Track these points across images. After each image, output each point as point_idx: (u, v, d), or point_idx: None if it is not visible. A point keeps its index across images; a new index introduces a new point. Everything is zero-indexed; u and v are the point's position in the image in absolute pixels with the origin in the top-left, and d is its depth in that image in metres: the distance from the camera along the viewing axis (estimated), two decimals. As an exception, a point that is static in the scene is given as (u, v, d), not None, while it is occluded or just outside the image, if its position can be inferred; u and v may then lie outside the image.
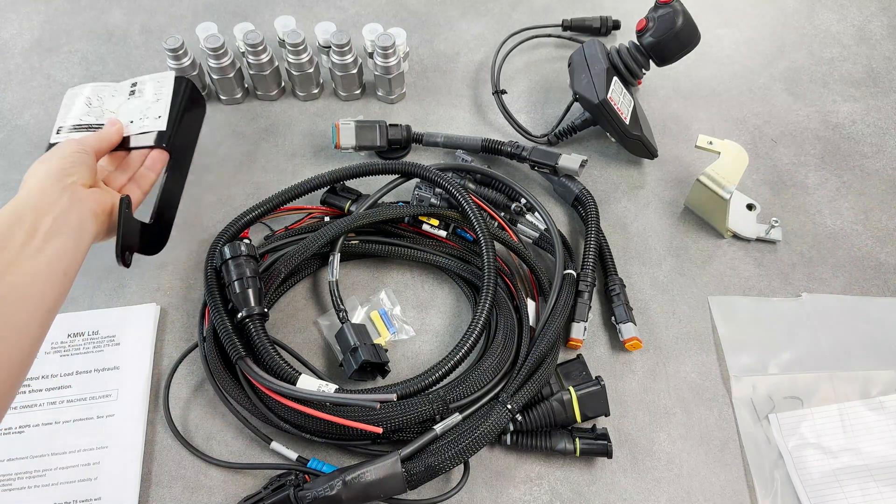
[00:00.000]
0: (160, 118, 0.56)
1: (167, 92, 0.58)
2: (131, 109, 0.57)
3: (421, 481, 0.45)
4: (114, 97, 0.58)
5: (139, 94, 0.58)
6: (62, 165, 0.46)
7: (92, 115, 0.57)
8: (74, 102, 0.57)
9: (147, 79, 0.59)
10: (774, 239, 0.62)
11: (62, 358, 0.55)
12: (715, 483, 0.50)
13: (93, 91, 0.58)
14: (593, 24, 0.78)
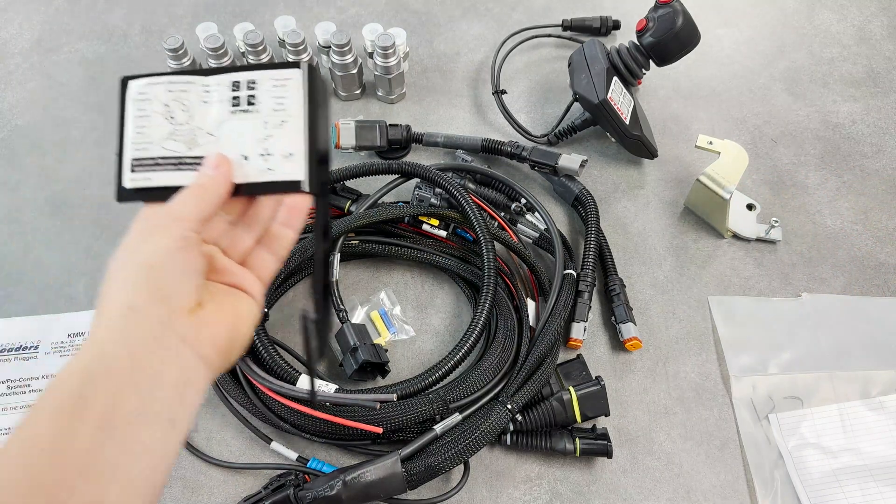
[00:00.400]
0: (292, 156, 0.32)
1: (297, 103, 0.33)
2: (242, 133, 0.33)
3: (421, 481, 0.45)
4: (207, 104, 0.34)
5: (252, 106, 0.33)
6: (155, 282, 0.28)
7: (179, 137, 0.33)
8: (146, 111, 0.34)
9: (260, 77, 0.33)
10: (774, 239, 0.62)
11: (62, 358, 0.55)
12: (715, 483, 0.50)
13: (171, 92, 0.34)
14: (593, 24, 0.78)
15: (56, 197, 0.65)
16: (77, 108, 0.72)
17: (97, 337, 0.27)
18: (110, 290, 0.29)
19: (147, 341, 0.27)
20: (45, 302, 0.58)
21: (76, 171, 0.67)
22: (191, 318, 0.29)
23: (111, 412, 0.25)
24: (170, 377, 0.27)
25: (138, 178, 0.34)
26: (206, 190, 0.31)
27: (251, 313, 0.33)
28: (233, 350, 0.31)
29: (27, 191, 0.66)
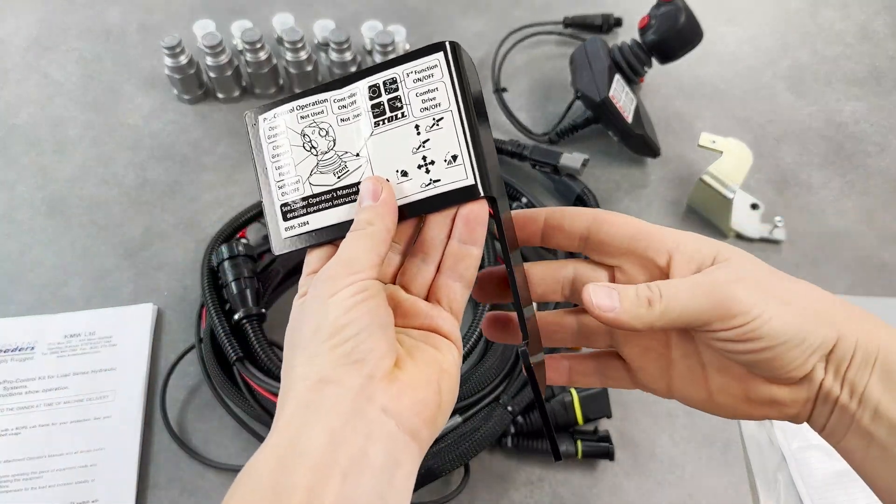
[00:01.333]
0: (456, 159, 0.27)
1: (448, 95, 0.28)
2: (393, 146, 0.28)
3: (421, 484, 0.45)
4: (347, 122, 0.29)
5: (397, 111, 0.28)
6: (344, 346, 0.24)
7: (326, 168, 0.29)
8: (283, 147, 0.30)
9: (399, 74, 0.28)
10: (778, 239, 0.61)
11: (59, 359, 0.54)
12: (717, 485, 0.50)
13: (304, 118, 0.30)
14: (595, 22, 0.77)
15: (53, 196, 0.65)
16: (74, 107, 0.72)
17: (287, 417, 0.24)
18: (294, 362, 0.25)
19: (346, 416, 0.23)
20: (42, 302, 0.58)
21: (73, 170, 0.67)
22: (391, 384, 0.24)
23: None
24: (376, 457, 0.23)
25: (293, 224, 0.29)
26: (373, 227, 0.26)
27: (454, 362, 0.27)
28: (439, 416, 0.26)
29: (24, 190, 0.65)
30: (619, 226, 0.28)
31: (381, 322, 0.25)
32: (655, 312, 0.26)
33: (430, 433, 0.26)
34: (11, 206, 0.64)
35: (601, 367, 0.30)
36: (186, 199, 0.64)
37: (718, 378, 0.28)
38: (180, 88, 0.70)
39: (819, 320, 0.25)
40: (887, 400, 0.25)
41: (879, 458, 0.25)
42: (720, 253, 0.27)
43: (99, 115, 0.71)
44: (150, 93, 0.73)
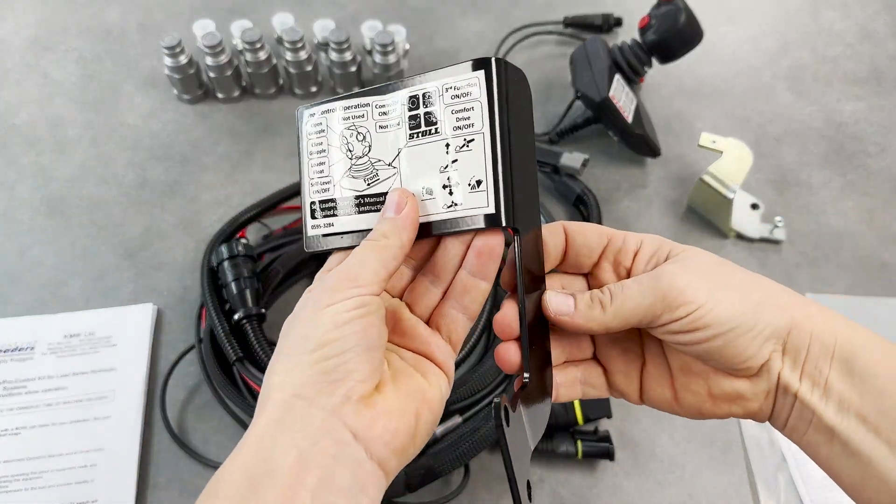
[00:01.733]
0: (480, 186, 0.26)
1: (483, 117, 0.26)
2: (422, 161, 0.28)
3: (420, 484, 0.45)
4: (384, 130, 0.29)
5: (431, 126, 0.27)
6: (325, 363, 0.24)
7: (358, 173, 0.29)
8: (322, 146, 0.30)
9: (436, 87, 0.27)
10: (778, 239, 0.61)
11: (58, 359, 0.54)
12: (718, 485, 0.50)
13: (347, 119, 0.29)
14: (595, 22, 0.77)
15: (52, 196, 0.65)
16: (74, 107, 0.72)
17: (258, 431, 0.24)
18: (276, 368, 0.25)
19: (315, 437, 0.23)
20: (41, 302, 0.58)
21: (73, 170, 0.67)
22: (366, 409, 0.24)
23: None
24: (342, 480, 0.23)
25: (320, 223, 0.29)
26: (387, 240, 0.26)
27: (439, 394, 0.27)
28: (411, 447, 0.26)
29: (23, 190, 0.65)
30: (588, 236, 0.29)
31: (369, 344, 0.25)
32: (609, 314, 0.26)
33: (398, 463, 0.25)
34: (11, 206, 0.64)
35: (582, 375, 0.30)
36: (186, 199, 0.64)
37: (682, 377, 0.28)
38: (180, 88, 0.70)
39: (766, 306, 0.25)
40: (850, 394, 0.24)
41: (843, 453, 0.25)
42: (673, 250, 0.28)
43: (99, 115, 0.71)
44: (149, 93, 0.73)
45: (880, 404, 0.24)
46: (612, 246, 0.29)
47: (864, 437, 0.24)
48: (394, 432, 0.25)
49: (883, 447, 0.24)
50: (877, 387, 0.24)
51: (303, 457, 0.22)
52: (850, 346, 0.25)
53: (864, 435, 0.24)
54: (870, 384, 0.24)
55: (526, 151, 0.27)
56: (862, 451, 0.24)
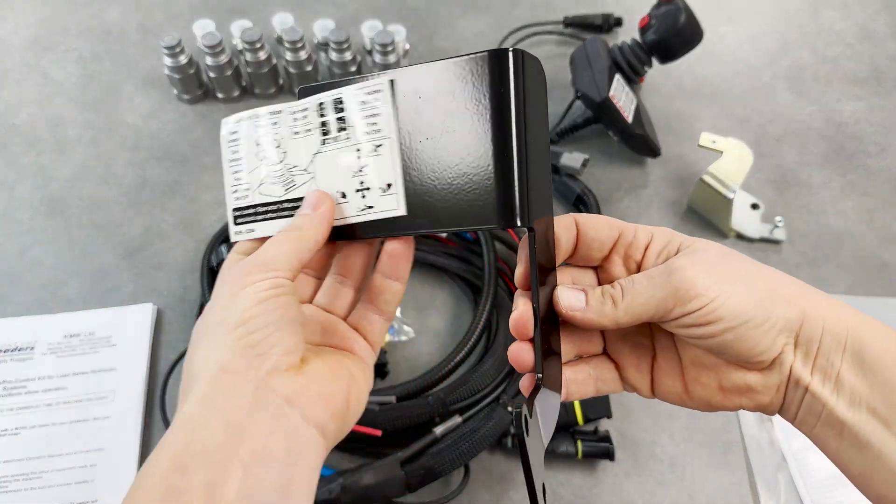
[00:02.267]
0: (390, 189, 0.27)
1: (389, 121, 0.27)
2: (335, 166, 0.28)
3: (420, 484, 0.45)
4: (298, 136, 0.29)
5: (343, 132, 0.28)
6: (248, 337, 0.24)
7: (275, 179, 0.30)
8: (239, 153, 0.30)
9: (347, 94, 0.28)
10: (778, 239, 0.61)
11: (58, 359, 0.54)
12: (718, 485, 0.50)
13: (261, 127, 0.30)
14: (595, 21, 0.77)
15: (52, 196, 0.65)
16: (73, 107, 0.72)
17: (186, 413, 0.23)
18: (196, 355, 0.25)
19: (247, 408, 0.23)
20: (41, 302, 0.58)
21: (72, 170, 0.67)
22: (297, 375, 0.24)
23: (209, 496, 0.21)
24: (277, 447, 0.23)
25: (242, 230, 0.30)
26: (301, 232, 0.27)
27: (364, 375, 0.28)
28: (347, 414, 0.26)
29: (23, 190, 0.65)
30: (599, 229, 0.28)
31: (291, 317, 0.25)
32: (620, 309, 0.26)
33: (337, 427, 0.25)
34: (11, 206, 0.64)
35: (595, 372, 0.30)
36: (186, 199, 0.64)
37: (692, 370, 0.28)
38: (180, 88, 0.70)
39: (778, 299, 0.25)
40: (861, 386, 0.24)
41: (853, 446, 0.24)
42: (684, 243, 0.27)
43: (98, 115, 0.71)
44: (149, 93, 0.73)
45: (891, 396, 0.24)
46: (622, 239, 0.28)
47: (875, 430, 0.24)
48: (328, 395, 0.25)
49: (893, 440, 0.24)
50: (887, 378, 0.24)
51: (234, 429, 0.22)
52: (860, 337, 0.25)
53: (875, 427, 0.24)
54: (880, 376, 0.24)
55: (540, 145, 0.26)
56: (872, 443, 0.24)
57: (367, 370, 0.29)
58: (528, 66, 0.25)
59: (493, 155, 0.24)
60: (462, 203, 0.25)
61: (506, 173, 0.24)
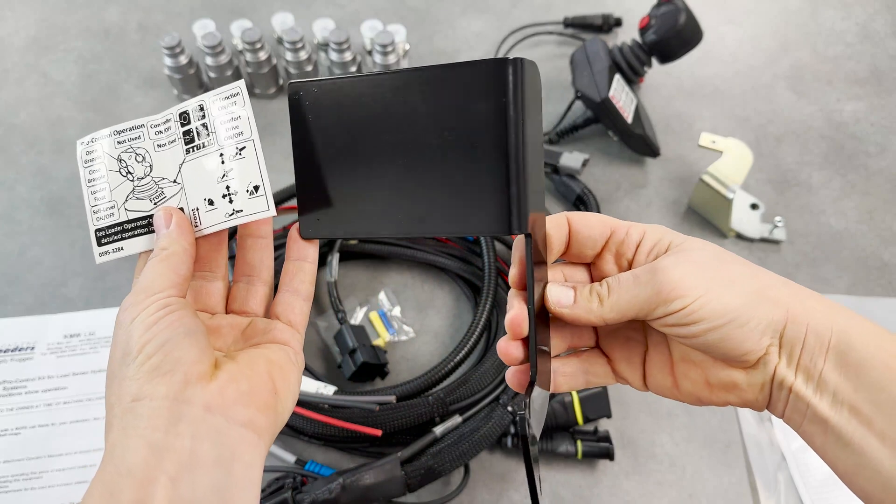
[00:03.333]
0: (258, 191, 0.28)
1: (249, 124, 0.28)
2: (201, 174, 0.29)
3: (421, 484, 0.45)
4: (163, 148, 0.30)
5: (206, 139, 0.29)
6: (150, 361, 0.24)
7: (142, 194, 0.30)
8: (100, 172, 0.30)
9: (208, 101, 0.29)
10: (778, 239, 0.61)
11: (59, 359, 0.54)
12: (718, 485, 0.50)
13: (121, 143, 0.30)
14: (595, 22, 0.77)
15: (52, 196, 0.65)
16: (73, 107, 0.72)
17: (110, 444, 0.23)
18: (111, 394, 0.25)
19: (165, 425, 0.23)
20: (41, 302, 0.58)
21: (72, 170, 0.67)
22: (209, 383, 0.24)
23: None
24: (205, 455, 0.23)
25: (109, 249, 0.30)
26: (168, 251, 0.27)
27: (286, 356, 0.28)
28: (277, 402, 0.26)
29: (23, 190, 0.65)
30: (592, 227, 0.28)
31: (186, 331, 0.25)
32: (606, 307, 0.27)
33: (269, 420, 0.25)
34: (11, 206, 0.64)
35: (584, 365, 0.30)
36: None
37: (682, 365, 0.28)
38: (180, 88, 0.70)
39: (763, 300, 0.25)
40: (844, 387, 0.25)
41: (837, 444, 0.25)
42: (674, 241, 0.28)
43: (98, 115, 0.71)
44: (149, 93, 0.73)
45: (874, 396, 0.24)
46: (615, 237, 0.28)
47: (857, 430, 0.24)
48: (249, 392, 0.25)
49: (875, 439, 0.24)
50: (871, 379, 0.24)
51: (155, 446, 0.23)
52: (846, 337, 0.25)
53: (857, 427, 0.24)
54: (864, 376, 0.24)
55: (536, 149, 0.26)
56: (854, 442, 0.24)
57: (293, 353, 0.29)
58: (527, 75, 0.25)
59: (493, 162, 0.24)
60: (462, 207, 0.25)
61: (505, 181, 0.24)
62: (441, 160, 0.26)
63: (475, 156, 0.25)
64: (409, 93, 0.26)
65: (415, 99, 0.26)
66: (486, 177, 0.25)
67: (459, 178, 0.25)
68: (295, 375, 0.28)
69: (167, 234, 0.28)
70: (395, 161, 0.26)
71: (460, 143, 0.25)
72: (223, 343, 0.29)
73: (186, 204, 0.29)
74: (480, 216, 0.25)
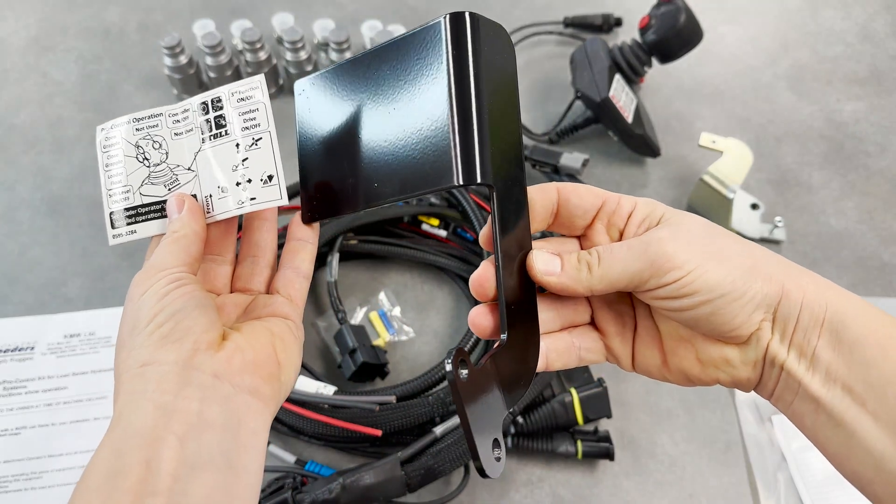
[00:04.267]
0: (272, 180, 0.29)
1: (266, 116, 0.30)
2: (216, 162, 0.30)
3: (421, 484, 0.45)
4: (179, 136, 0.31)
5: (221, 129, 0.30)
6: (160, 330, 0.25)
7: (157, 179, 0.31)
8: (117, 157, 0.32)
9: (224, 93, 0.30)
10: (778, 239, 0.61)
11: (59, 359, 0.54)
12: (718, 485, 0.50)
13: (139, 130, 0.31)
14: (595, 22, 0.77)
15: (52, 196, 0.65)
16: (73, 107, 0.72)
17: (118, 408, 0.24)
18: (120, 362, 0.25)
19: (174, 389, 0.23)
20: (41, 302, 0.58)
21: (72, 170, 0.67)
22: (218, 351, 0.25)
23: (150, 477, 0.21)
24: (212, 418, 0.23)
25: (122, 232, 0.32)
26: (179, 233, 0.29)
27: (287, 329, 0.29)
28: (281, 373, 0.27)
29: (23, 190, 0.65)
30: (583, 197, 0.28)
31: (197, 302, 0.26)
32: (595, 276, 0.26)
33: (274, 389, 0.26)
34: (11, 206, 0.64)
35: (577, 341, 0.29)
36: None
37: (670, 341, 0.28)
38: (180, 88, 0.70)
39: (757, 275, 0.25)
40: (837, 365, 0.24)
41: (829, 423, 0.24)
42: (666, 213, 0.27)
43: (98, 115, 0.71)
44: (149, 93, 0.73)
45: (867, 375, 0.24)
46: (606, 207, 0.28)
47: (849, 409, 0.24)
48: (254, 362, 0.26)
49: (868, 419, 0.23)
50: (865, 357, 0.24)
51: (164, 409, 0.23)
52: (840, 315, 0.24)
53: (850, 406, 0.24)
54: (858, 354, 0.24)
55: (503, 108, 0.26)
56: (846, 422, 0.24)
57: (294, 325, 0.30)
58: (483, 29, 0.25)
59: (450, 114, 0.24)
60: (425, 167, 0.25)
61: (462, 130, 0.24)
62: (412, 125, 0.26)
63: (433, 115, 0.25)
64: (379, 67, 0.27)
65: (384, 72, 0.27)
66: (441, 133, 0.25)
67: (425, 139, 0.26)
68: (296, 347, 0.29)
69: (179, 217, 0.29)
70: (377, 135, 0.27)
71: (423, 105, 0.26)
72: (227, 319, 0.30)
73: (200, 191, 0.30)
74: (438, 172, 0.25)
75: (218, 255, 0.32)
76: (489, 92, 0.25)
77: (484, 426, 0.24)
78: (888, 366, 0.23)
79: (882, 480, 0.23)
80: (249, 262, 0.32)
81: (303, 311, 0.31)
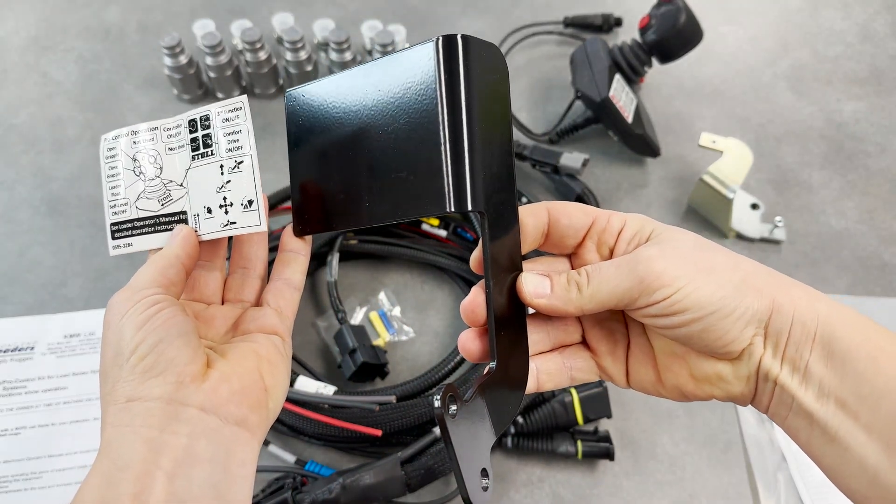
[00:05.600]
0: (252, 206, 0.29)
1: (248, 139, 0.29)
2: (203, 182, 0.30)
3: (420, 484, 0.45)
4: (173, 152, 0.31)
5: (208, 148, 0.30)
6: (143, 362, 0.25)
7: (151, 194, 0.31)
8: (117, 169, 0.32)
9: (212, 111, 0.30)
10: (778, 239, 0.61)
11: (58, 359, 0.54)
12: (718, 485, 0.50)
13: (137, 143, 0.31)
14: (595, 22, 0.77)
15: (52, 196, 0.65)
16: (73, 107, 0.72)
17: (107, 439, 0.24)
18: (104, 392, 0.25)
19: (161, 424, 0.23)
20: (41, 302, 0.58)
21: (72, 170, 0.67)
22: (203, 383, 0.25)
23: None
24: (201, 452, 0.24)
25: (120, 244, 0.32)
26: (161, 254, 0.29)
27: (274, 348, 0.28)
28: (269, 399, 0.27)
29: (23, 190, 0.65)
30: (573, 217, 0.28)
31: (178, 331, 0.26)
32: (585, 296, 0.26)
33: (261, 417, 0.26)
34: (11, 206, 0.64)
35: (568, 361, 0.29)
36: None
37: (664, 358, 0.28)
38: (180, 88, 0.70)
39: (745, 289, 0.25)
40: (830, 379, 0.24)
41: (823, 438, 0.24)
42: (655, 230, 0.27)
43: (98, 115, 0.71)
44: (149, 93, 0.73)
45: (859, 389, 0.23)
46: (596, 226, 0.28)
47: (843, 423, 0.24)
48: (241, 391, 0.26)
49: (861, 432, 0.23)
50: (857, 370, 0.24)
51: (152, 444, 0.23)
52: (831, 327, 0.24)
53: (843, 420, 0.24)
54: (850, 368, 0.24)
55: (494, 134, 0.26)
56: (840, 436, 0.24)
57: (281, 342, 0.29)
58: (475, 51, 0.25)
59: (442, 141, 0.24)
60: (416, 190, 0.25)
61: (454, 158, 0.24)
62: (403, 147, 0.26)
63: (424, 138, 0.25)
64: (371, 85, 0.27)
65: (376, 91, 0.26)
66: (432, 158, 0.24)
67: (416, 163, 0.25)
68: (283, 367, 0.29)
69: (168, 241, 0.30)
70: (368, 153, 0.27)
71: (413, 128, 0.25)
72: (215, 333, 0.30)
73: (190, 208, 0.30)
74: (429, 197, 0.25)
75: (207, 262, 0.32)
76: (481, 115, 0.25)
77: (472, 456, 0.24)
78: (880, 379, 0.23)
79: (877, 496, 0.23)
80: (240, 274, 0.32)
81: (292, 323, 0.31)
